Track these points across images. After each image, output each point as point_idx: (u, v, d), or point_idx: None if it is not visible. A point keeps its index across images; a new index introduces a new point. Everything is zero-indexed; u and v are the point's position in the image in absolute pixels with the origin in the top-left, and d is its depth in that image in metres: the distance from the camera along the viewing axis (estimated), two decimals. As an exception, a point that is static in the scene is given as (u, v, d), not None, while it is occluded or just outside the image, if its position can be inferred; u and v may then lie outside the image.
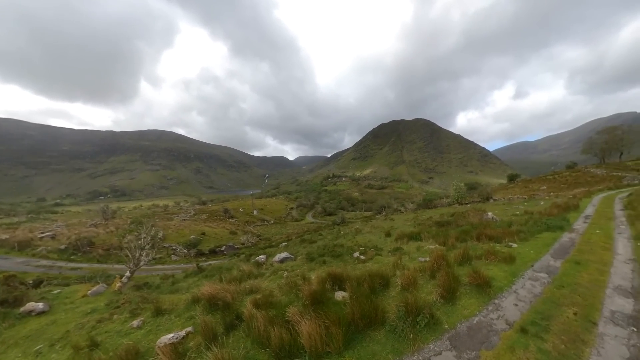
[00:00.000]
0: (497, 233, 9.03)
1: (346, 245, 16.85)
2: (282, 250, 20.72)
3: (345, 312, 4.07)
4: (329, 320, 3.74)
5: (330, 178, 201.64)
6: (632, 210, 12.22)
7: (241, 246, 35.26)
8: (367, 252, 13.08)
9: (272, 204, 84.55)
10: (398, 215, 37.57)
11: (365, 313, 4.01)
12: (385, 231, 20.01)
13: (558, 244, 7.40)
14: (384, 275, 5.83)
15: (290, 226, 57.05)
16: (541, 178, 44.69)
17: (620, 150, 49.26)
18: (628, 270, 5.57)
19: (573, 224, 10.06)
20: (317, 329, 3.55)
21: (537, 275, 5.49)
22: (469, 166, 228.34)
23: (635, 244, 7.26)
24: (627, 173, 34.51)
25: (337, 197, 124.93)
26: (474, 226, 12.78)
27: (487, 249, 7.05)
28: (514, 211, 17.93)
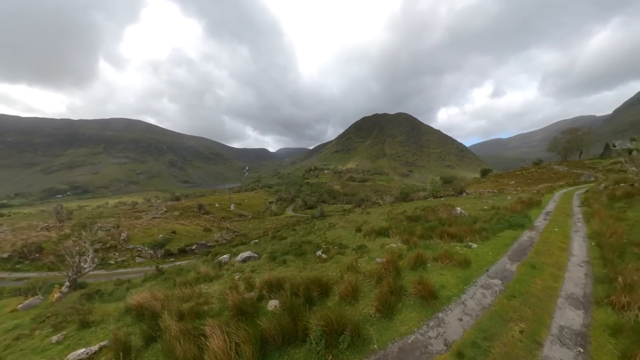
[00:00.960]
0: (460, 231, 8.78)
1: (314, 242, 16.47)
2: (252, 247, 19.78)
3: (264, 327, 3.72)
4: (247, 334, 3.48)
5: (312, 171, 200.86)
6: (588, 207, 12.74)
7: (214, 244, 33.67)
8: (330, 250, 12.62)
9: (251, 198, 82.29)
10: (375, 209, 37.88)
11: (285, 328, 3.65)
12: (357, 226, 19.75)
13: (517, 244, 7.19)
14: (323, 283, 5.39)
15: (269, 221, 55.86)
16: (510, 173, 47.36)
17: (580, 149, 53.67)
18: (581, 274, 5.34)
19: (534, 221, 10.12)
20: (225, 346, 3.29)
21: (491, 282, 5.08)
22: (447, 160, 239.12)
23: (590, 243, 7.23)
24: (584, 171, 37.47)
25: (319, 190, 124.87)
26: (441, 222, 12.67)
27: (444, 251, 6.65)
28: (483, 206, 18.38)
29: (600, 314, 4.09)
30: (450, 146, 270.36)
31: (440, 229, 9.19)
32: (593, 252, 6.55)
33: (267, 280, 6.80)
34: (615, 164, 35.94)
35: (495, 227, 9.14)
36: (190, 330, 3.97)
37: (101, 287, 14.76)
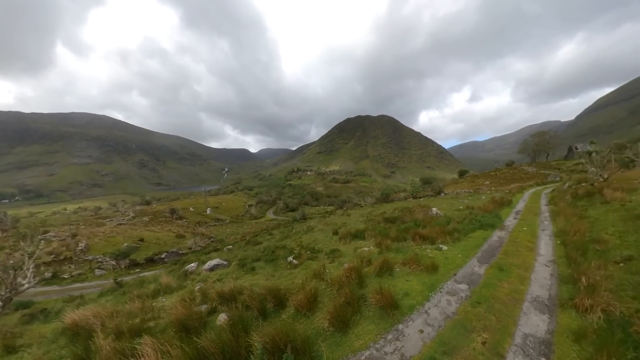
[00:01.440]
0: (432, 233, 8.68)
1: (289, 246, 16.03)
2: (224, 254, 18.88)
3: (203, 344, 3.40)
4: (184, 353, 3.28)
5: (295, 172, 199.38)
6: (554, 206, 13.39)
7: (187, 251, 31.79)
8: (301, 255, 12.22)
9: (229, 201, 79.51)
10: (356, 210, 38.01)
11: (227, 346, 3.35)
12: (335, 229, 19.49)
13: (487, 245, 7.16)
14: (282, 293, 5.13)
15: (248, 225, 54.21)
16: (485, 174, 49.92)
17: (547, 151, 58.18)
18: (547, 274, 5.29)
19: (505, 221, 10.34)
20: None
21: (457, 287, 4.86)
22: (427, 162, 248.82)
23: (556, 241, 7.37)
24: (551, 171, 40.40)
25: (301, 192, 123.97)
26: (416, 223, 12.67)
27: (413, 254, 6.41)
28: (458, 205, 18.88)
29: (565, 318, 3.96)
30: (430, 148, 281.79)
31: (413, 231, 9.05)
32: (558, 251, 6.64)
33: (220, 291, 6.32)
34: (578, 165, 39.08)
35: (467, 227, 9.16)
36: (124, 350, 3.75)
37: (49, 305, 13.54)
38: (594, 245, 6.58)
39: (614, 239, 6.75)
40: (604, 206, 10.46)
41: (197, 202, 69.84)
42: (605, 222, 8.55)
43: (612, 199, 10.68)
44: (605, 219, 8.85)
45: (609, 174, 15.94)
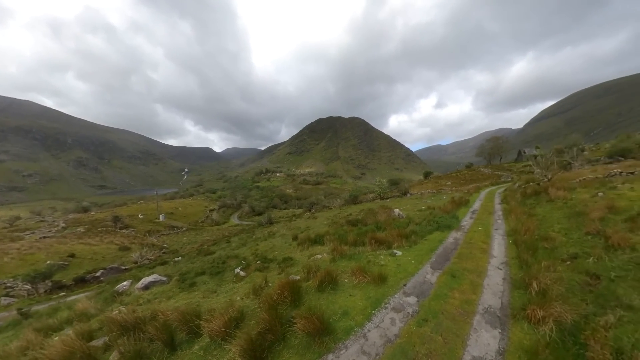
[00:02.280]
0: (390, 236, 8.27)
1: (242, 255, 14.79)
2: (170, 268, 16.84)
3: None
4: None
5: (263, 173, 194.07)
6: (507, 204, 14.18)
7: (132, 266, 27.88)
8: (250, 266, 11.14)
9: (187, 206, 73.42)
10: (324, 212, 37.62)
11: None
12: (295, 234, 18.62)
13: (442, 248, 6.87)
14: (196, 319, 4.37)
15: (208, 232, 50.38)
16: (448, 175, 53.48)
17: (500, 155, 64.76)
18: (500, 279, 5.02)
19: (461, 221, 10.43)
20: None
21: (405, 301, 4.29)
22: (396, 164, 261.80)
23: (508, 241, 7.39)
24: (504, 172, 44.71)
25: (270, 195, 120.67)
26: (377, 225, 12.37)
27: (363, 263, 5.80)
28: (421, 206, 19.34)
29: (517, 332, 3.57)
30: (398, 150, 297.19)
31: (371, 235, 8.55)
32: (510, 251, 6.57)
33: (122, 320, 5.13)
34: (526, 167, 43.79)
35: (425, 229, 8.95)
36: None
37: None
38: (543, 244, 6.67)
39: (560, 236, 6.93)
40: (549, 204, 11.18)
41: (149, 207, 63.25)
42: (551, 219, 8.99)
43: (555, 197, 11.50)
44: (551, 216, 9.35)
45: (552, 175, 17.58)
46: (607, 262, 4.93)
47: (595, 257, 5.20)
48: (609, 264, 4.88)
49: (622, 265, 4.71)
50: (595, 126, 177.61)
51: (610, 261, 4.95)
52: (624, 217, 6.90)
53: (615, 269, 4.68)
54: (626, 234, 5.57)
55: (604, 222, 6.73)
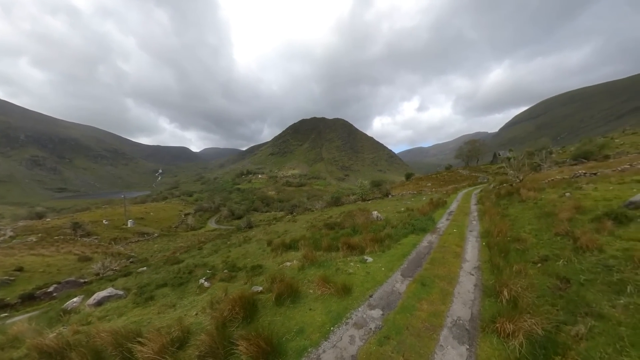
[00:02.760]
0: (363, 241, 7.94)
1: (211, 264, 13.96)
2: (131, 280, 15.53)
3: None
4: None
5: (244, 175, 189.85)
6: (482, 205, 14.46)
7: (93, 279, 25.40)
8: (216, 276, 10.41)
9: (160, 210, 69.42)
10: (305, 215, 37.09)
11: None
12: (272, 238, 18.02)
13: (415, 253, 6.60)
14: (126, 342, 3.89)
15: (183, 238, 47.71)
16: (428, 176, 55.03)
17: (477, 157, 67.88)
18: (471, 285, 4.77)
19: (437, 223, 10.36)
20: None
21: (368, 315, 3.89)
22: (379, 165, 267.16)
23: (482, 243, 7.30)
24: (480, 174, 46.73)
25: (251, 197, 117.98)
26: (354, 229, 12.08)
27: (332, 271, 5.36)
28: (400, 207, 19.42)
29: (486, 348, 3.27)
30: (382, 152, 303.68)
31: (344, 240, 8.17)
32: (483, 254, 6.44)
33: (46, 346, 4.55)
34: (500, 169, 46.01)
35: (400, 232, 8.72)
36: None
37: None
38: (515, 245, 6.63)
39: (531, 237, 6.94)
40: (521, 204, 11.46)
41: (115, 212, 59.04)
42: (523, 219, 9.13)
43: (527, 198, 11.82)
44: (523, 217, 9.50)
45: (523, 176, 18.34)
46: (577, 265, 4.87)
47: (565, 260, 5.14)
48: (578, 266, 4.81)
49: (591, 267, 4.65)
50: (561, 131, 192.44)
51: (579, 263, 4.89)
52: (590, 217, 7.04)
53: (585, 272, 4.60)
54: (594, 235, 5.58)
55: (572, 223, 6.81)
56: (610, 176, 13.13)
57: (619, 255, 4.73)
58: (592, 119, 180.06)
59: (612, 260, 4.63)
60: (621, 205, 7.74)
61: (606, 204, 8.23)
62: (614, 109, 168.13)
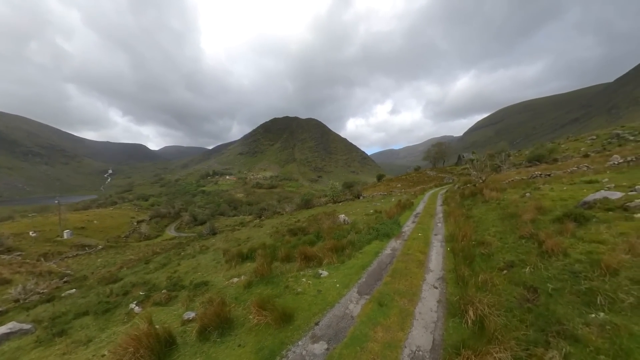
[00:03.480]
0: (322, 249, 7.18)
1: (153, 281, 12.28)
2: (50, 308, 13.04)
3: None
4: None
5: (210, 176, 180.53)
6: (447, 206, 14.65)
7: (10, 306, 21.01)
8: (150, 297, 8.95)
9: (106, 217, 62.00)
10: (273, 219, 35.64)
11: None
12: (231, 247, 16.60)
13: (376, 263, 5.98)
14: None
15: (134, 249, 42.62)
16: (399, 177, 56.83)
17: (444, 159, 72.00)
18: (434, 303, 4.20)
19: (403, 226, 10.01)
20: None
21: (310, 351, 3.12)
22: (352, 167, 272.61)
23: (447, 248, 6.94)
24: (446, 175, 49.34)
25: (216, 200, 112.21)
26: (318, 235, 11.34)
27: (280, 290, 4.47)
28: (369, 210, 19.18)
29: (451, 391, 2.62)
30: (355, 154, 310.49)
31: (300, 250, 7.33)
32: (448, 261, 6.03)
33: None
34: (465, 170, 49.01)
35: (364, 238, 8.12)
36: None
37: None
38: (480, 249, 6.36)
39: (496, 240, 6.73)
40: (484, 205, 11.64)
41: (48, 221, 51.37)
42: (487, 221, 9.11)
43: (490, 198, 12.08)
44: (487, 218, 9.52)
45: (486, 176, 19.21)
46: (543, 272, 4.57)
47: (531, 266, 4.84)
48: (545, 273, 4.52)
49: (558, 274, 4.37)
50: (517, 136, 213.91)
51: (545, 270, 4.61)
52: (550, 217, 7.06)
53: (552, 280, 4.29)
54: (558, 238, 5.41)
55: (535, 225, 6.73)
56: (562, 177, 14.05)
57: (584, 259, 4.53)
58: (542, 127, 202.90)
59: (577, 265, 4.41)
60: (576, 205, 7.99)
61: (563, 204, 8.48)
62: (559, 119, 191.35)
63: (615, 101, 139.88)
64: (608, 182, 10.47)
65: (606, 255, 4.19)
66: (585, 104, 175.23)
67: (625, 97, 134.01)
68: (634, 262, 4.01)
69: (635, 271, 3.83)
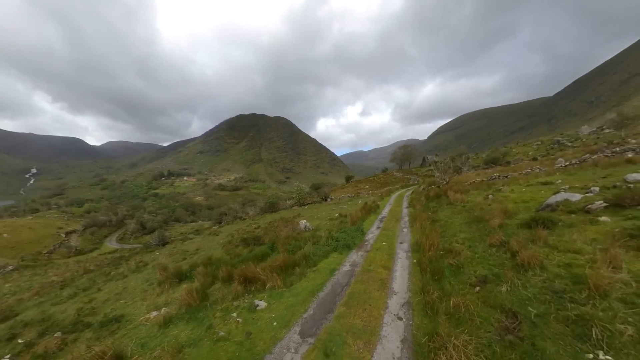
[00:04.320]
0: (268, 269, 5.95)
1: (56, 316, 9.95)
2: None
3: None
4: None
5: (164, 177, 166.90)
6: (413, 208, 14.41)
7: None
8: (35, 346, 6.98)
9: (22, 228, 51.94)
10: (233, 225, 33.31)
11: None
12: (177, 261, 14.59)
13: (331, 285, 4.96)
14: None
15: (59, 268, 35.87)
16: (367, 179, 57.70)
17: (409, 161, 75.24)
18: (397, 344, 3.29)
19: (367, 234, 9.23)
20: None
21: None
22: (321, 168, 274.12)
23: (413, 260, 6.20)
24: (412, 176, 51.31)
25: (171, 205, 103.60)
26: (273, 246, 10.08)
27: (186, 336, 3.15)
28: (335, 213, 18.39)
29: None
30: (324, 154, 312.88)
31: (240, 271, 6.04)
32: (414, 278, 5.24)
33: None
34: (429, 171, 51.43)
35: (321, 251, 7.09)
36: None
37: None
38: (449, 260, 5.74)
39: (465, 249, 6.18)
40: (450, 208, 11.46)
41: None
42: (453, 225, 8.74)
43: (454, 200, 11.99)
44: (453, 222, 9.18)
45: (449, 178, 19.69)
46: (522, 290, 3.96)
47: (507, 283, 4.21)
48: (524, 292, 3.90)
49: (538, 294, 3.77)
50: (474, 141, 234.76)
51: (524, 287, 4.01)
52: (517, 222, 6.76)
53: (533, 302, 3.66)
54: (531, 247, 4.92)
55: (503, 230, 6.33)
56: (519, 179, 14.65)
57: (563, 273, 4.03)
58: (495, 133, 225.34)
59: (558, 283, 3.87)
60: (539, 207, 7.93)
61: (525, 206, 8.43)
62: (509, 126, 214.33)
63: (554, 112, 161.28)
64: (561, 183, 10.90)
65: (592, 271, 3.69)
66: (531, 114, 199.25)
67: (562, 109, 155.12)
68: (619, 278, 3.58)
69: (625, 291, 3.37)
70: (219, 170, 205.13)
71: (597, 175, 10.75)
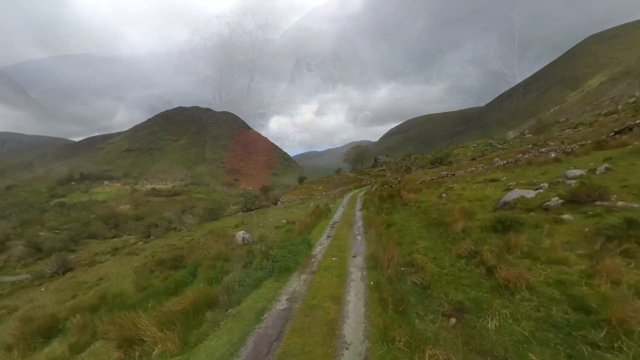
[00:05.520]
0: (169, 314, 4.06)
1: None
2: None
3: None
4: None
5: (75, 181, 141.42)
6: (366, 210, 13.76)
7: None
8: None
9: None
10: (164, 239, 28.84)
11: None
12: (63, 300, 11.21)
13: (253, 343, 3.39)
14: None
15: None
16: (320, 180, 57.46)
17: (362, 161, 78.09)
18: None
19: (314, 246, 7.91)
20: None
21: None
22: (273, 169, 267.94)
23: (369, 283, 5.02)
24: (365, 176, 52.78)
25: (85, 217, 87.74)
26: (194, 270, 8.04)
27: None
28: (283, 219, 16.82)
29: None
30: (277, 155, 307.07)
31: (118, 325, 4.04)
32: (373, 317, 3.96)
33: None
34: (381, 171, 53.56)
35: (251, 277, 5.45)
36: None
37: None
38: (412, 278, 4.73)
39: (429, 261, 5.28)
40: (404, 209, 10.95)
41: None
42: (411, 230, 8.01)
43: (408, 200, 11.59)
44: (410, 226, 8.49)
45: (401, 177, 19.92)
46: (515, 327, 3.01)
47: (493, 315, 3.24)
48: (519, 330, 2.96)
49: (537, 331, 2.85)
50: (420, 143, 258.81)
51: (515, 321, 3.07)
52: (479, 223, 6.20)
53: (535, 349, 2.70)
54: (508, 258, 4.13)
55: (469, 236, 5.62)
56: (466, 176, 15.22)
57: (559, 296, 3.23)
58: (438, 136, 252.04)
59: (556, 311, 3.02)
60: (496, 206, 7.66)
61: (481, 204, 8.15)
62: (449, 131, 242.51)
63: (485, 121, 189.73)
64: (507, 180, 11.29)
65: (590, 290, 2.93)
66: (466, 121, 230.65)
67: (491, 118, 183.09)
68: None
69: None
70: (153, 171, 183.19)
71: (536, 172, 11.38)
